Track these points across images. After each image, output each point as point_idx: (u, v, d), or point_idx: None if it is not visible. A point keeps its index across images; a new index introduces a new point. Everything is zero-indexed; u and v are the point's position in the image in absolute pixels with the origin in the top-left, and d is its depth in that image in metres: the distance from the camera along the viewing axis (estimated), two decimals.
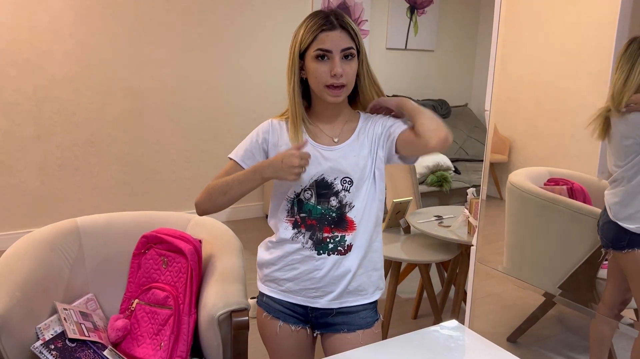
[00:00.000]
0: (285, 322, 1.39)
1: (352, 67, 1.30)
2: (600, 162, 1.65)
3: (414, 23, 5.11)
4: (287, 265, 1.37)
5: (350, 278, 1.35)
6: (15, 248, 1.64)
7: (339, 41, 1.27)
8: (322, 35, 1.27)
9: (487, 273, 2.05)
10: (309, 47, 1.28)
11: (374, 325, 1.40)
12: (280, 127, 1.39)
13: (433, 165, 4.27)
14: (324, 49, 1.27)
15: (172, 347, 1.56)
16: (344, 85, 1.29)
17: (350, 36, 1.29)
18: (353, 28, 1.31)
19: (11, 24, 3.40)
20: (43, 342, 1.46)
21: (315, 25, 1.28)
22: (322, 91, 1.29)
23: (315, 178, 1.33)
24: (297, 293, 1.37)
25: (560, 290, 1.81)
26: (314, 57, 1.28)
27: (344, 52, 1.28)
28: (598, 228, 1.61)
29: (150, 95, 3.96)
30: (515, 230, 1.98)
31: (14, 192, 3.60)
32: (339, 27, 1.28)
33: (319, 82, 1.29)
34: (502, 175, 1.95)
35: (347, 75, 1.29)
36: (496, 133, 1.95)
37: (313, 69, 1.28)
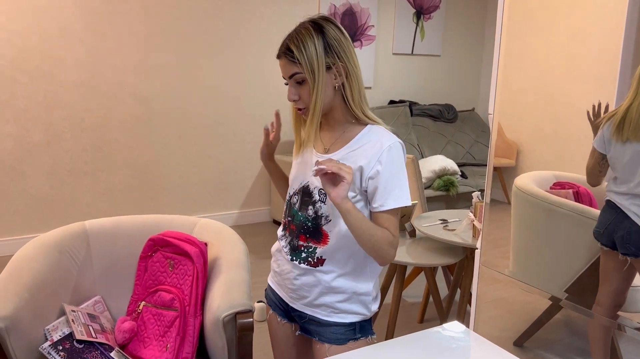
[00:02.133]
0: (274, 311, 1.46)
1: (305, 91, 1.29)
2: None
3: (420, 28, 5.12)
4: (277, 259, 1.43)
5: (318, 292, 1.33)
6: (25, 251, 1.67)
7: (285, 69, 1.30)
8: (279, 62, 1.33)
9: (492, 276, 2.05)
10: None
11: (346, 343, 1.34)
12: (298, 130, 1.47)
13: (440, 169, 4.27)
14: (283, 77, 1.32)
15: (178, 348, 1.58)
16: (302, 108, 1.31)
17: (291, 62, 1.27)
18: (294, 53, 1.26)
19: (22, 32, 3.45)
20: (51, 343, 1.48)
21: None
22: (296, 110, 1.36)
23: (303, 184, 1.35)
24: (282, 288, 1.42)
25: (566, 294, 1.80)
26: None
27: (292, 78, 1.29)
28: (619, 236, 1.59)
29: (158, 100, 4.00)
30: (521, 233, 1.98)
31: (24, 197, 3.64)
32: (282, 55, 1.30)
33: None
34: (510, 179, 1.95)
35: (302, 99, 1.30)
36: (503, 138, 1.96)
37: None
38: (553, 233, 1.83)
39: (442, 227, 2.60)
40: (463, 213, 2.79)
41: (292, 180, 1.40)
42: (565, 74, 1.75)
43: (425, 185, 4.20)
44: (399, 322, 2.82)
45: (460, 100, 5.49)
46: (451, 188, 4.21)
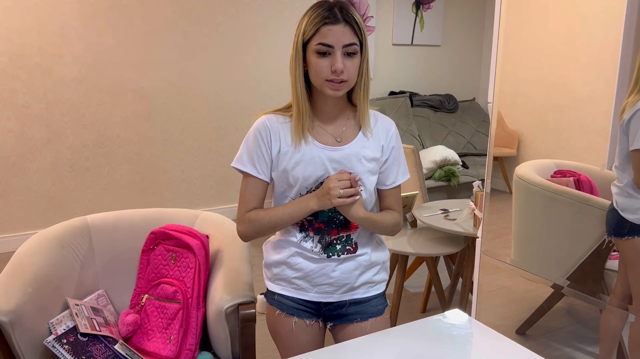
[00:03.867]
0: (300, 318, 1.40)
1: (353, 64, 1.24)
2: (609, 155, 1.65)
3: (419, 18, 5.10)
4: (297, 264, 1.38)
5: (359, 273, 1.39)
6: (27, 245, 1.67)
7: (342, 36, 1.21)
8: (325, 29, 1.21)
9: (493, 265, 2.05)
10: (311, 39, 1.23)
11: (384, 312, 1.45)
12: (279, 125, 1.33)
13: (441, 160, 4.27)
14: (326, 44, 1.21)
15: (181, 340, 1.59)
16: (345, 81, 1.25)
17: (354, 31, 1.23)
18: (358, 22, 1.24)
19: (21, 29, 3.45)
20: (55, 336, 1.49)
21: (318, 17, 1.22)
22: (322, 84, 1.25)
23: (321, 181, 1.31)
24: (310, 290, 1.39)
25: (568, 281, 1.81)
26: (315, 51, 1.23)
27: (346, 48, 1.22)
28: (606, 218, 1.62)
29: (158, 95, 4.00)
30: (522, 222, 1.98)
31: (27, 193, 3.65)
32: (342, 20, 1.21)
33: (319, 77, 1.24)
34: (511, 169, 1.95)
35: (347, 72, 1.23)
36: (504, 127, 1.95)
37: (314, 63, 1.24)
38: (554, 221, 1.83)
39: (443, 217, 2.61)
40: (464, 202, 2.79)
41: (301, 179, 1.31)
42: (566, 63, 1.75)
43: (426, 176, 4.19)
44: (401, 312, 2.83)
45: (461, 90, 5.48)
46: (452, 179, 4.21)
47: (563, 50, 1.75)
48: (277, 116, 1.34)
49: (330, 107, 1.33)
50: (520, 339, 2.06)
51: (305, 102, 1.29)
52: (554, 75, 1.79)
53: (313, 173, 1.31)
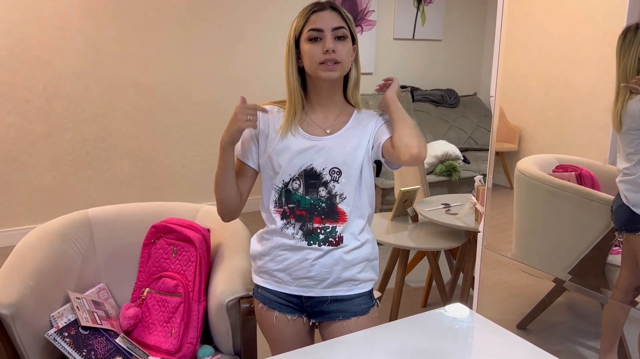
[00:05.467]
0: (281, 312, 1.39)
1: (345, 47, 1.29)
2: (611, 150, 1.64)
3: (421, 13, 5.08)
4: (278, 255, 1.37)
5: (341, 268, 1.35)
6: (28, 239, 1.67)
7: (330, 20, 1.28)
8: (313, 16, 1.29)
9: (495, 260, 2.05)
10: (302, 30, 1.29)
11: (369, 311, 1.40)
12: (274, 115, 1.39)
13: (442, 155, 4.27)
14: (315, 28, 1.27)
15: (182, 334, 1.59)
16: (338, 62, 1.27)
17: (342, 17, 1.30)
18: (345, 13, 1.31)
19: (20, 22, 3.44)
20: (57, 330, 1.49)
21: (307, 9, 1.31)
22: (316, 69, 1.28)
23: (304, 168, 1.32)
24: (290, 283, 1.37)
25: (570, 276, 1.81)
26: (307, 39, 1.28)
27: (336, 31, 1.28)
28: (612, 212, 1.61)
29: (158, 90, 3.99)
30: (523, 217, 1.98)
31: (27, 188, 3.65)
32: (329, 7, 1.30)
33: (313, 62, 1.28)
34: (512, 164, 1.94)
35: (339, 52, 1.27)
36: (506, 122, 1.95)
37: (307, 50, 1.28)
38: (556, 215, 1.83)
39: (444, 211, 2.60)
40: (465, 197, 2.79)
41: (284, 165, 1.34)
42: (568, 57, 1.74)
43: (427, 171, 4.19)
44: (402, 307, 2.83)
45: (462, 85, 5.46)
46: (453, 174, 4.20)
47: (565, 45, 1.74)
48: (272, 106, 1.41)
49: (324, 97, 1.36)
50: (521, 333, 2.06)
51: (299, 94, 1.34)
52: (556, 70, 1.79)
53: (297, 161, 1.33)
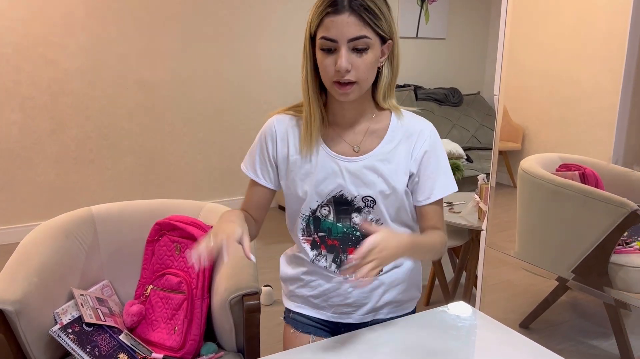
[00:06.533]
0: (317, 336, 1.28)
1: (365, 62, 1.05)
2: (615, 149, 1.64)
3: (424, 11, 5.07)
4: (312, 281, 1.26)
5: (381, 292, 1.24)
6: (32, 236, 1.68)
7: (346, 28, 1.02)
8: (327, 20, 1.04)
9: (498, 259, 2.05)
10: (317, 32, 1.07)
11: None
12: (290, 126, 1.19)
13: None
14: (328, 38, 1.04)
15: (186, 331, 1.59)
16: (353, 83, 1.06)
17: (364, 21, 1.03)
18: (372, 10, 1.04)
19: (25, 19, 3.45)
20: (61, 326, 1.49)
21: (322, 6, 1.05)
22: (331, 87, 1.09)
23: (333, 194, 1.16)
24: (327, 309, 1.27)
25: (573, 275, 1.80)
26: (319, 47, 1.07)
27: (353, 42, 1.04)
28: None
29: (162, 87, 4.00)
30: (527, 215, 1.97)
31: (31, 185, 3.66)
32: (347, 9, 1.02)
33: (325, 76, 1.08)
34: (515, 163, 1.94)
35: (357, 71, 1.05)
36: (509, 121, 1.95)
37: (319, 61, 1.08)
38: (559, 214, 1.83)
39: (447, 210, 2.60)
40: (468, 196, 2.78)
41: (311, 191, 1.17)
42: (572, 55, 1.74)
43: None
44: None
45: (466, 84, 5.45)
46: (457, 172, 4.20)
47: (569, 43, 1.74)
48: (289, 117, 1.20)
49: (347, 110, 1.15)
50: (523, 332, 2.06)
51: (316, 105, 1.14)
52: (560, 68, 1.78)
53: (326, 186, 1.15)
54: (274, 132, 1.20)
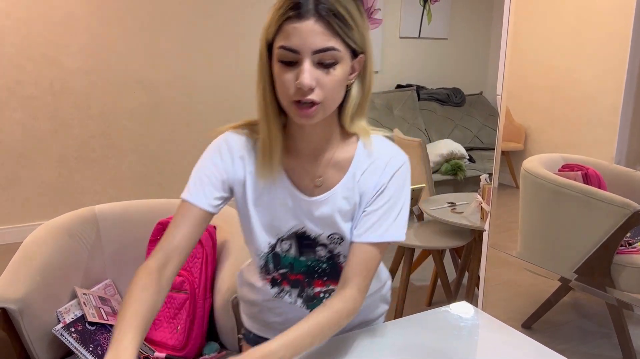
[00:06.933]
0: None
1: (331, 79, 0.87)
2: (617, 149, 1.64)
3: (427, 11, 5.07)
4: (276, 308, 1.13)
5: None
6: (35, 235, 1.68)
7: (311, 37, 0.84)
8: (288, 26, 0.85)
9: (500, 259, 2.05)
10: (274, 39, 0.88)
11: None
12: (247, 150, 1.00)
13: (447, 154, 4.26)
14: (288, 48, 0.85)
15: (188, 330, 1.60)
16: (317, 104, 0.87)
17: (333, 30, 0.85)
18: (342, 16, 0.85)
19: (27, 18, 3.45)
20: (64, 325, 1.50)
21: (283, 8, 0.86)
22: (289, 107, 0.90)
23: (295, 230, 1.02)
24: None
25: (575, 275, 1.80)
26: (278, 58, 0.88)
27: (319, 55, 0.85)
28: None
29: (164, 87, 4.00)
30: (529, 216, 1.97)
31: (33, 184, 3.67)
32: (313, 13, 0.84)
33: (283, 94, 0.89)
34: (518, 163, 1.94)
35: (322, 89, 0.87)
36: (511, 121, 1.95)
37: (277, 74, 0.89)
38: (562, 215, 1.83)
39: (450, 210, 2.60)
40: (471, 196, 2.78)
41: (268, 227, 1.02)
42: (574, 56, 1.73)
43: (432, 169, 4.18)
44: (407, 305, 2.83)
45: (468, 84, 5.45)
46: (459, 172, 4.20)
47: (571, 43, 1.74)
48: (244, 137, 1.03)
49: (309, 135, 0.97)
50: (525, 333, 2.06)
51: (277, 128, 0.95)
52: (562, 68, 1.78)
53: (286, 222, 1.01)
54: (231, 149, 1.02)
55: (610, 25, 1.62)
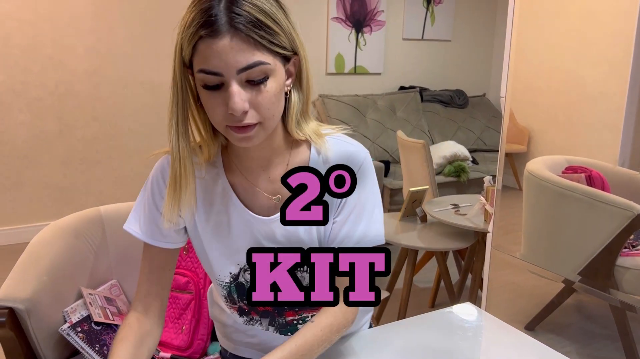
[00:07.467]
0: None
1: (266, 96, 0.78)
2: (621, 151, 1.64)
3: (430, 13, 5.08)
4: (248, 330, 1.07)
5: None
6: (42, 235, 1.69)
7: (231, 57, 0.74)
8: (202, 46, 0.76)
9: (503, 261, 2.06)
10: (192, 60, 0.80)
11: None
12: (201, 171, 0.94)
13: (450, 156, 4.26)
14: (209, 71, 0.76)
15: (193, 330, 1.61)
16: (254, 124, 0.80)
17: (255, 42, 0.75)
18: (261, 24, 0.76)
19: (33, 21, 3.48)
20: (70, 325, 1.51)
21: (193, 26, 0.77)
22: (225, 132, 0.82)
23: None
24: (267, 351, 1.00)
25: (579, 277, 1.81)
26: (200, 82, 0.79)
27: (244, 73, 0.76)
28: None
29: (168, 89, 4.01)
30: (533, 218, 1.98)
31: (38, 185, 3.69)
32: (227, 31, 0.74)
33: (216, 122, 0.81)
34: (521, 165, 1.94)
35: (257, 110, 0.78)
36: (515, 123, 1.95)
37: (204, 101, 0.81)
38: (565, 217, 1.83)
39: (453, 212, 2.61)
40: (474, 198, 2.79)
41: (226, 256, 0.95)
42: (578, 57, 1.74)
43: (436, 171, 4.19)
44: (410, 307, 2.83)
45: (471, 86, 5.45)
46: (462, 174, 4.20)
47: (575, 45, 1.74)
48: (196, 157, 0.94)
49: (253, 151, 0.89)
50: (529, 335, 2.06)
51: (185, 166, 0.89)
52: (566, 70, 1.79)
53: (244, 249, 0.91)
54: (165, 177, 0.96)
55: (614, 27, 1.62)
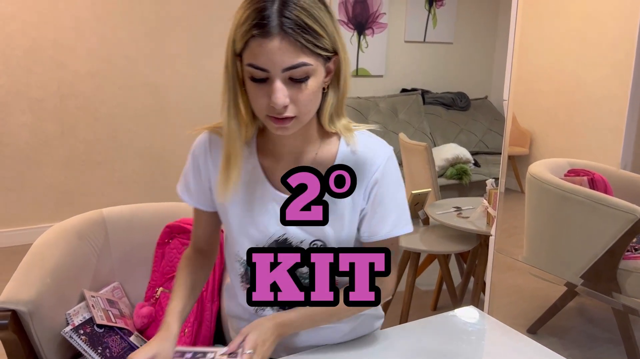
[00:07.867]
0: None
1: (304, 93, 0.86)
2: (623, 154, 1.64)
3: (432, 15, 5.08)
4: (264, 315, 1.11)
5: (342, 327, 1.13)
6: (45, 237, 1.69)
7: (279, 56, 0.83)
8: (254, 43, 0.84)
9: (506, 264, 2.05)
10: (243, 53, 0.87)
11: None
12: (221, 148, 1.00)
13: (452, 158, 4.26)
14: (257, 66, 0.84)
15: (195, 333, 1.60)
16: (292, 117, 0.88)
17: (301, 45, 0.83)
18: (308, 28, 0.83)
19: (35, 22, 3.48)
20: (73, 327, 1.51)
21: (246, 25, 0.85)
22: (265, 120, 0.91)
23: (275, 238, 1.01)
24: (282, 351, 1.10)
25: (582, 280, 1.80)
26: (248, 75, 0.87)
27: (289, 72, 0.84)
28: None
29: (170, 90, 4.02)
30: (535, 221, 1.97)
31: (40, 186, 3.69)
32: (277, 34, 0.82)
33: (257, 109, 0.90)
34: (523, 168, 1.94)
35: (296, 105, 0.87)
36: (517, 126, 1.95)
37: (249, 90, 0.90)
38: (568, 220, 1.83)
39: (455, 215, 2.60)
40: (477, 200, 2.78)
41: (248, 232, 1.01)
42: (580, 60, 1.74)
43: (438, 174, 4.19)
44: (412, 310, 2.83)
45: (473, 88, 5.45)
46: (464, 177, 4.20)
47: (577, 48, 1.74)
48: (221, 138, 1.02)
49: (287, 138, 0.96)
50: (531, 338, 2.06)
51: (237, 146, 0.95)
52: (568, 73, 1.79)
53: (266, 228, 1.00)
54: (207, 151, 1.05)
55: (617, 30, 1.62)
